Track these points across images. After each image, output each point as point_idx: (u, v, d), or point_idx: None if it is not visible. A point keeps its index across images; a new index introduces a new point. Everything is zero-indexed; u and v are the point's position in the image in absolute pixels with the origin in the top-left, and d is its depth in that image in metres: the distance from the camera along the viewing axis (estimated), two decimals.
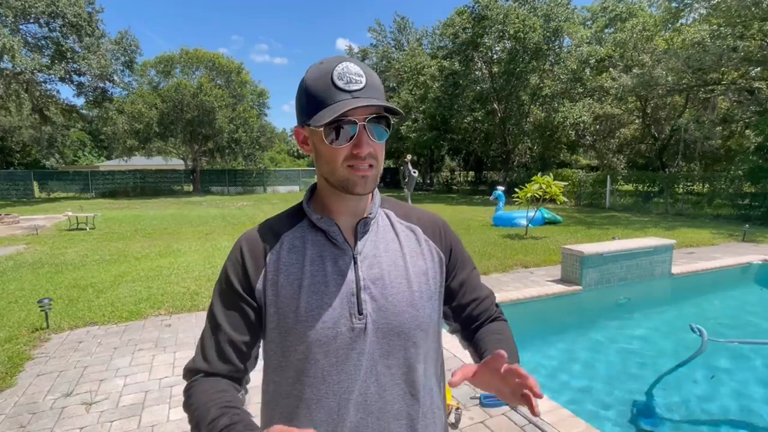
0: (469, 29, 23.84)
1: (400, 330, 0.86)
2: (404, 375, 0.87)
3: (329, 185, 0.87)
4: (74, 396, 3.17)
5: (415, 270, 0.91)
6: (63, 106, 25.59)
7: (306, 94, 0.83)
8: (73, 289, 5.91)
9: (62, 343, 4.17)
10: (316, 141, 0.85)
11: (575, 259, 5.79)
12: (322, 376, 0.84)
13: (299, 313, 0.84)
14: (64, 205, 19.70)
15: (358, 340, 0.84)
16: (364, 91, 0.80)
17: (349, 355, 0.84)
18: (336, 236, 0.89)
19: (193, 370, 0.87)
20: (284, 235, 0.91)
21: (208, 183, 31.73)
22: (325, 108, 0.79)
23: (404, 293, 0.88)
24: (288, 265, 0.87)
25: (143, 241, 10.01)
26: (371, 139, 0.81)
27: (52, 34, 21.37)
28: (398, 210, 0.99)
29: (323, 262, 0.87)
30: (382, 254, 0.90)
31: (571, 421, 2.77)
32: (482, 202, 21.13)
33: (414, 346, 0.88)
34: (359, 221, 0.90)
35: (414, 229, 0.97)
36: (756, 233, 10.53)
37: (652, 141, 24.51)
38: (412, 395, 0.88)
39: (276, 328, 0.86)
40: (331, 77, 0.79)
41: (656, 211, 16.40)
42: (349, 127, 0.80)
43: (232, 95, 29.86)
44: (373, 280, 0.87)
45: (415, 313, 0.88)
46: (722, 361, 4.16)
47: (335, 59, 0.82)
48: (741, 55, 15.92)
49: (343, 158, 0.82)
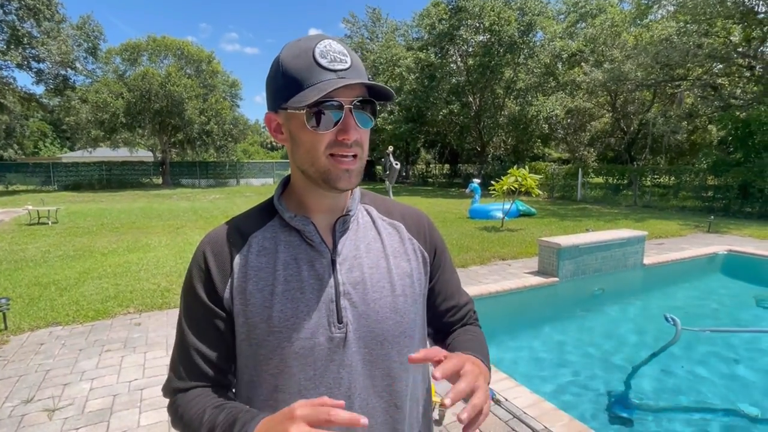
0: (446, 21, 23.80)
1: (384, 338, 0.79)
2: (388, 387, 0.80)
3: (306, 178, 0.78)
4: (35, 402, 2.97)
5: (398, 272, 0.83)
6: (21, 95, 24.33)
7: (283, 74, 0.73)
8: (34, 287, 5.59)
9: (22, 346, 3.92)
10: (293, 127, 0.75)
11: (552, 251, 5.85)
12: (298, 390, 0.76)
13: (272, 323, 0.75)
14: (24, 199, 18.77)
15: (338, 351, 0.76)
16: (349, 71, 0.72)
17: (328, 368, 0.76)
18: (312, 236, 0.80)
19: (169, 390, 0.81)
20: (252, 236, 0.81)
21: (178, 175, 30.80)
22: (308, 88, 0.70)
23: (387, 298, 0.80)
24: (257, 270, 0.78)
25: (110, 236, 9.61)
26: (357, 125, 0.73)
27: (7, 17, 20.23)
28: (380, 206, 0.91)
29: (298, 266, 0.79)
30: (363, 255, 0.82)
31: (554, 414, 2.77)
32: (458, 194, 21.27)
33: (398, 354, 0.80)
34: (338, 219, 0.82)
35: (397, 227, 0.89)
36: (720, 224, 10.94)
37: (621, 135, 25.18)
38: (397, 406, 0.81)
39: (246, 340, 0.77)
40: (312, 55, 0.71)
41: (625, 203, 16.87)
42: (332, 112, 0.71)
43: (203, 85, 28.98)
44: (353, 285, 0.79)
45: (399, 319, 0.81)
46: (695, 349, 4.27)
47: (315, 36, 0.73)
48: (706, 51, 16.47)
49: (326, 145, 0.73)
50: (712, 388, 3.60)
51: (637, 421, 3.15)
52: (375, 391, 0.79)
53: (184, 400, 0.77)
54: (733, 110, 15.93)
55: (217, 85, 30.55)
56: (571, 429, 2.60)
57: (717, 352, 4.25)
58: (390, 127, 27.47)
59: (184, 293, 0.82)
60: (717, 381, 3.71)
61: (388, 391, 0.80)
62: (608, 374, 3.84)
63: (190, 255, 7.43)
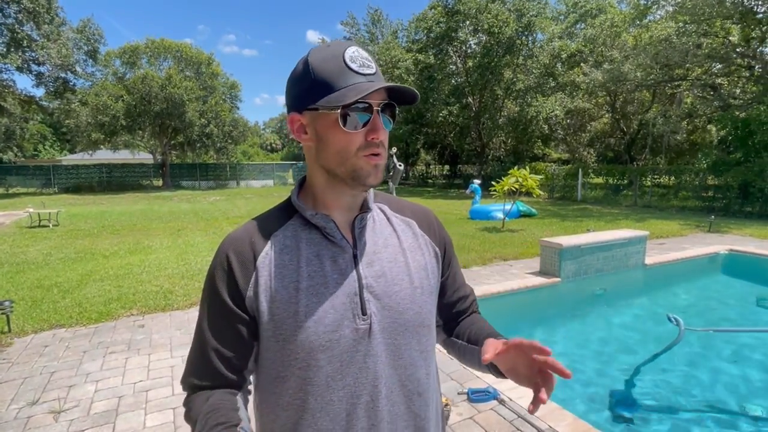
0: (443, 23, 23.86)
1: (405, 328, 0.83)
2: (411, 375, 0.84)
3: (332, 177, 0.81)
4: (41, 404, 2.97)
5: (415, 265, 0.88)
6: (21, 97, 24.32)
7: (313, 76, 0.76)
8: (37, 290, 5.60)
9: (26, 348, 3.92)
10: (320, 127, 0.78)
11: (554, 252, 5.86)
12: (326, 383, 0.78)
13: (298, 317, 0.77)
14: (25, 201, 18.77)
15: (363, 342, 0.79)
16: (375, 76, 0.77)
17: (354, 358, 0.79)
18: (333, 233, 0.83)
19: (186, 384, 0.84)
20: (274, 235, 0.84)
21: (178, 177, 30.82)
22: (343, 89, 0.74)
23: (407, 290, 0.84)
24: (281, 268, 0.80)
25: (111, 238, 9.61)
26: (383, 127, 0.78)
27: (7, 21, 20.22)
28: (392, 204, 0.96)
29: (321, 262, 0.81)
30: (381, 250, 0.86)
31: (559, 413, 2.78)
32: (458, 195, 21.29)
33: (419, 343, 0.85)
34: (356, 217, 0.85)
35: (410, 223, 0.93)
36: (720, 224, 10.95)
37: (621, 135, 25.21)
38: (420, 394, 0.85)
39: (273, 337, 0.79)
40: (343, 59, 0.75)
41: (626, 203, 16.89)
42: (360, 114, 0.75)
43: (203, 87, 29.02)
44: (375, 278, 0.82)
45: (418, 310, 0.85)
46: (698, 349, 4.28)
47: (343, 43, 0.78)
48: (705, 51, 16.49)
49: (358, 145, 0.77)
50: (715, 388, 3.60)
51: (639, 420, 3.16)
52: (399, 379, 0.83)
53: (195, 402, 0.80)
54: (732, 110, 15.96)
55: (216, 87, 30.63)
56: (575, 428, 2.61)
57: (719, 351, 4.26)
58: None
59: (206, 294, 0.84)
60: (720, 380, 3.72)
61: (411, 380, 0.84)
62: (611, 374, 3.85)
63: (192, 257, 7.44)
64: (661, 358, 4.09)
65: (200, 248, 8.31)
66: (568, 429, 2.60)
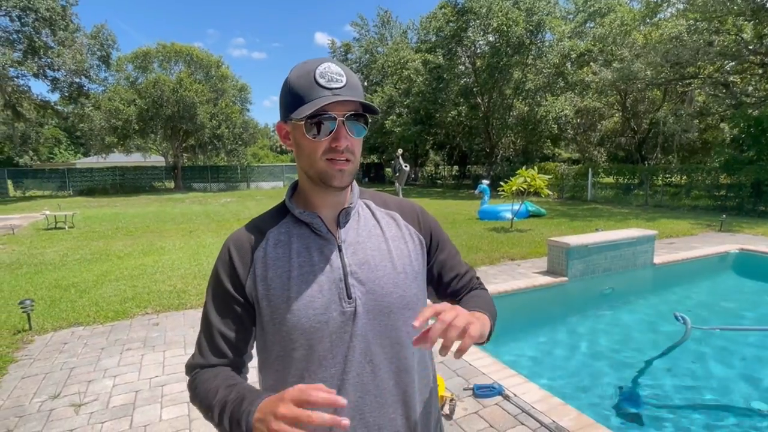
0: (453, 22, 23.85)
1: (390, 310, 0.91)
2: (397, 354, 0.92)
3: (309, 179, 0.92)
4: (62, 398, 3.10)
5: (398, 253, 0.97)
6: (37, 102, 24.80)
7: (290, 91, 0.87)
8: (55, 290, 5.77)
9: (46, 345, 4.07)
10: (297, 135, 0.89)
11: (561, 251, 5.88)
12: (319, 360, 0.88)
13: (290, 302, 0.88)
14: (41, 204, 19.18)
15: (349, 323, 0.89)
16: (344, 89, 0.85)
17: (341, 338, 0.88)
18: (319, 227, 0.93)
19: (191, 366, 0.93)
20: (269, 232, 0.95)
21: (189, 179, 31.19)
22: (309, 102, 0.84)
23: (390, 275, 0.93)
24: (275, 260, 0.91)
25: (125, 240, 9.82)
26: (349, 135, 0.87)
27: (24, 29, 20.65)
28: (377, 199, 1.05)
29: (309, 253, 0.92)
30: (365, 240, 0.95)
31: (562, 408, 2.82)
32: (467, 196, 21.27)
33: (404, 324, 0.93)
34: (341, 211, 0.95)
35: (394, 216, 1.03)
36: (732, 223, 10.84)
37: (632, 134, 24.96)
38: (406, 371, 0.93)
39: (270, 321, 0.89)
40: (313, 75, 0.85)
41: (636, 202, 16.75)
42: (328, 123, 0.85)
43: (213, 90, 29.35)
44: (359, 265, 0.92)
45: (401, 293, 0.93)
46: (705, 347, 4.29)
47: (318, 60, 0.87)
48: (717, 49, 16.30)
49: (322, 151, 0.87)
50: (722, 385, 3.61)
51: (645, 416, 3.19)
52: (386, 357, 0.91)
53: (201, 378, 0.88)
54: (745, 108, 15.75)
55: (226, 89, 30.93)
56: (579, 423, 2.65)
57: (727, 350, 4.27)
58: (399, 130, 27.55)
59: (211, 284, 0.95)
60: (727, 378, 3.73)
61: (397, 357, 0.92)
62: (617, 371, 3.88)
63: (204, 258, 7.59)
64: (668, 356, 4.10)
65: (212, 249, 8.46)
66: (572, 423, 2.64)
